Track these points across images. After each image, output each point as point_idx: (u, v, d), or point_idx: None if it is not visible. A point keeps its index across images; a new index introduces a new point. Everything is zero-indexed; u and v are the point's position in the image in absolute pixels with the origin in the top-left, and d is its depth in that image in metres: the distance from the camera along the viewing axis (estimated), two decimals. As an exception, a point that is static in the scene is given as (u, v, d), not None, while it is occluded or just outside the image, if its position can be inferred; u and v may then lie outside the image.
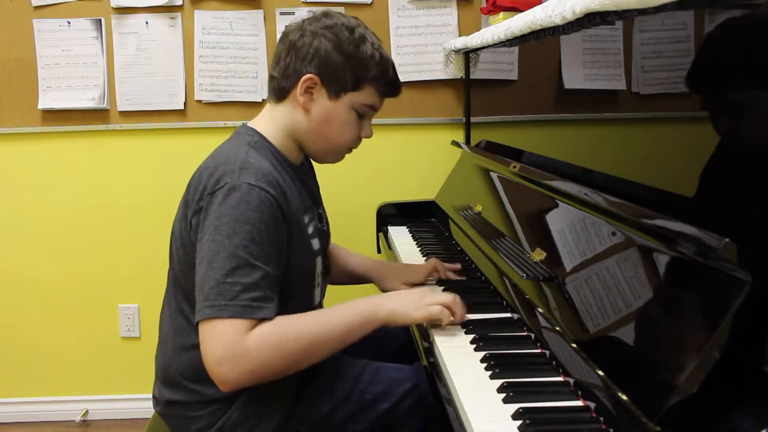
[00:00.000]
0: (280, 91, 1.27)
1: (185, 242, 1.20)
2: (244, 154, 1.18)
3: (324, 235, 1.37)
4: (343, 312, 1.18)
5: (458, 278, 1.51)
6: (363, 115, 1.28)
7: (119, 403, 2.47)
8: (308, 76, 1.23)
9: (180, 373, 1.23)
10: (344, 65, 1.23)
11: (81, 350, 2.46)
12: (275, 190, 1.15)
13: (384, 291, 1.53)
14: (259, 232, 1.11)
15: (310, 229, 1.28)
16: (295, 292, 1.24)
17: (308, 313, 1.23)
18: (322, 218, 1.39)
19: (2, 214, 2.40)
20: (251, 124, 1.30)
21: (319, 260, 1.31)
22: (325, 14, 1.27)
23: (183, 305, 1.23)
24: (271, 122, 1.28)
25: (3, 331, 2.44)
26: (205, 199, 1.14)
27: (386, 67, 1.27)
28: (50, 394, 2.48)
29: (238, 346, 1.08)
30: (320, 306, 1.37)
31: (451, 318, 1.20)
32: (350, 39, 1.23)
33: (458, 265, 1.55)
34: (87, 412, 2.47)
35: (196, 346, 1.18)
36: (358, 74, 1.24)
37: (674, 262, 0.89)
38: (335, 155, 1.33)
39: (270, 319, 1.11)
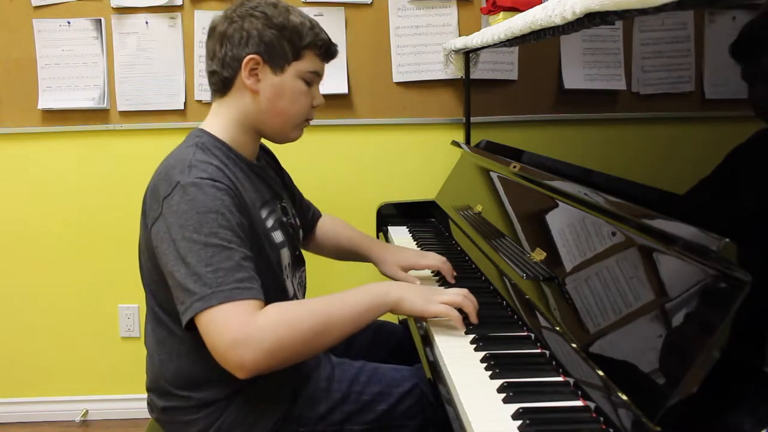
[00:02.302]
0: (223, 83, 1.28)
1: (152, 254, 1.19)
2: (191, 155, 1.18)
3: (290, 227, 1.36)
4: (353, 293, 1.17)
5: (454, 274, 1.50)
6: (310, 83, 1.29)
7: (119, 403, 2.47)
8: (249, 57, 1.23)
9: (170, 383, 1.22)
10: (280, 38, 1.24)
11: (81, 350, 2.46)
12: (227, 182, 1.16)
13: (383, 274, 1.55)
14: (224, 218, 1.11)
15: (270, 222, 1.28)
16: (264, 285, 1.23)
17: (318, 297, 1.20)
18: (286, 211, 1.39)
19: (2, 214, 2.40)
20: (202, 125, 1.30)
21: (284, 252, 1.30)
22: None
23: (162, 316, 1.22)
24: (221, 119, 1.29)
25: (3, 331, 2.45)
26: (163, 205, 1.14)
27: (318, 30, 1.29)
28: (50, 394, 2.48)
29: (248, 326, 1.04)
30: (297, 298, 1.36)
31: (461, 321, 1.18)
32: (277, 12, 1.25)
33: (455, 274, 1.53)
34: (87, 412, 2.47)
35: (181, 355, 1.18)
36: (294, 43, 1.25)
37: (674, 262, 0.89)
38: (293, 129, 1.33)
39: (261, 298, 1.09)
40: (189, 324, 1.08)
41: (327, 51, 1.31)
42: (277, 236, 1.29)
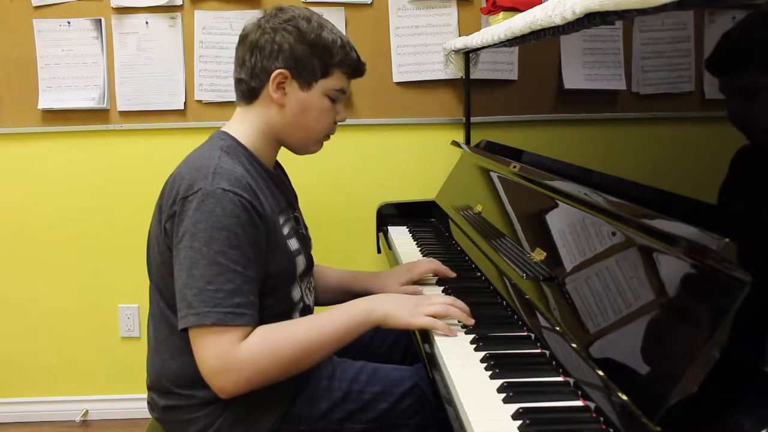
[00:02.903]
0: (250, 92, 1.29)
1: (162, 249, 1.20)
2: (217, 159, 1.19)
3: (303, 237, 1.37)
4: (336, 316, 1.19)
5: (452, 275, 1.49)
6: (335, 99, 1.31)
7: (119, 403, 2.47)
8: (278, 71, 1.24)
9: (171, 382, 1.23)
10: (310, 54, 1.25)
11: (81, 350, 2.46)
12: (249, 193, 1.16)
13: None
14: (236, 237, 1.12)
15: (286, 230, 1.29)
16: (273, 290, 1.24)
17: (301, 318, 1.25)
18: (299, 221, 1.40)
19: (2, 214, 2.40)
20: (225, 128, 1.31)
21: (300, 259, 1.31)
22: (280, 9, 1.29)
23: (166, 312, 1.23)
24: (245, 125, 1.29)
25: (3, 331, 2.44)
26: (179, 204, 1.15)
27: (348, 49, 1.30)
28: (50, 394, 2.48)
29: (230, 357, 1.10)
30: (304, 302, 1.35)
31: (449, 328, 1.18)
32: (310, 28, 1.26)
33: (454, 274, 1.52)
34: (87, 412, 2.47)
35: (183, 353, 1.18)
36: (324, 61, 1.26)
37: (674, 262, 0.89)
38: (315, 144, 1.35)
39: (253, 324, 1.13)
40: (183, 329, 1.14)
41: (355, 70, 1.32)
42: (293, 244, 1.30)
